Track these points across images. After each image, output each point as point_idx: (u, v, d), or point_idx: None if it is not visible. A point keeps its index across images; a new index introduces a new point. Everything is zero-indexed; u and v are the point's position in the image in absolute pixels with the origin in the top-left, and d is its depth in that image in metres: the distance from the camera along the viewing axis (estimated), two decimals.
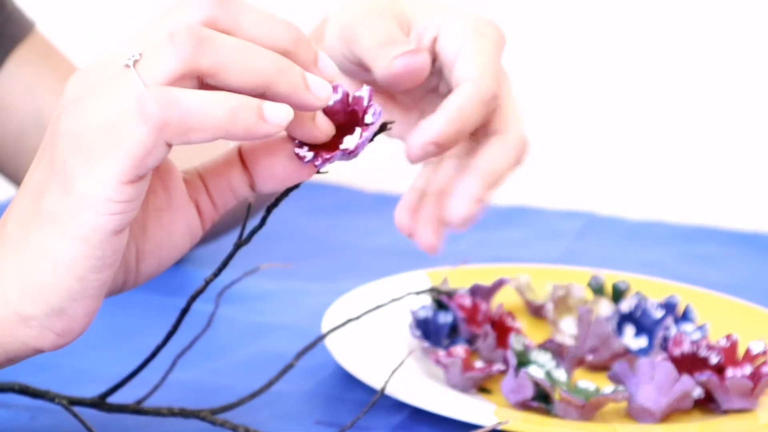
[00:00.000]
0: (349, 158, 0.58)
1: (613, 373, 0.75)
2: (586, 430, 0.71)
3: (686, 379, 0.73)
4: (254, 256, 0.87)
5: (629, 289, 0.89)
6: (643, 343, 0.83)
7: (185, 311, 0.65)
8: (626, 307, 0.84)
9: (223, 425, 0.68)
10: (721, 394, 0.75)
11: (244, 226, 0.63)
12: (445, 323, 0.82)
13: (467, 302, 0.83)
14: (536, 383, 0.73)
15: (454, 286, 0.85)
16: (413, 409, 0.74)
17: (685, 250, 1.13)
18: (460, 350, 0.77)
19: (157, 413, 0.68)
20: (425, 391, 0.74)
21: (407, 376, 0.76)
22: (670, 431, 0.73)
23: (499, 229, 1.13)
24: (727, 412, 0.75)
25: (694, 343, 0.76)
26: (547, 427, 0.71)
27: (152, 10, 0.61)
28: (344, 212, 1.22)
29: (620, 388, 0.74)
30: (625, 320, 0.84)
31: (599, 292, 0.90)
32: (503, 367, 0.76)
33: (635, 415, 0.74)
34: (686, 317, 0.85)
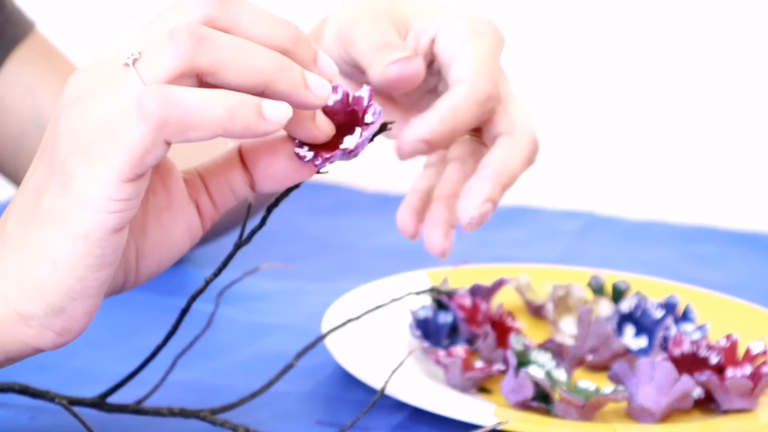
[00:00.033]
0: (349, 158, 0.58)
1: (613, 373, 0.75)
2: (586, 430, 0.71)
3: (686, 379, 0.73)
4: (254, 256, 0.87)
5: (629, 289, 0.89)
6: (643, 343, 0.83)
7: (185, 311, 0.65)
8: (626, 307, 0.84)
9: (223, 425, 0.68)
10: (721, 394, 0.75)
11: (244, 226, 0.63)
12: (445, 323, 0.82)
13: (467, 302, 0.83)
14: (536, 383, 0.73)
15: (454, 286, 0.85)
16: (413, 409, 0.74)
17: (685, 250, 1.13)
18: (460, 350, 0.77)
19: (157, 413, 0.68)
20: (425, 391, 0.74)
21: (407, 376, 0.76)
22: (670, 431, 0.73)
23: (499, 229, 1.13)
24: (727, 412, 0.75)
25: (694, 343, 0.76)
26: (547, 427, 0.71)
27: (152, 10, 0.61)
28: (344, 212, 1.22)
29: (620, 388, 0.74)
30: (625, 320, 0.84)
31: (599, 292, 0.90)
32: (503, 367, 0.76)
33: (635, 415, 0.74)
34: (686, 317, 0.85)
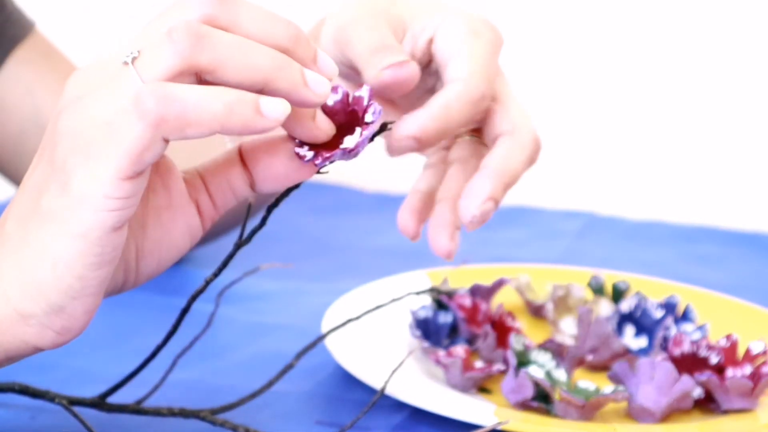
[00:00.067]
0: (349, 157, 0.58)
1: (613, 373, 0.75)
2: (586, 430, 0.71)
3: (686, 379, 0.73)
4: (254, 256, 0.87)
5: (629, 289, 0.89)
6: (643, 343, 0.83)
7: (185, 311, 0.65)
8: (626, 307, 0.84)
9: (223, 425, 0.68)
10: (721, 394, 0.75)
11: (244, 226, 0.63)
12: (445, 323, 0.82)
13: (467, 302, 0.83)
14: (536, 383, 0.73)
15: (454, 286, 0.85)
16: (413, 409, 0.73)
17: (685, 250, 1.13)
18: (460, 350, 0.77)
19: (157, 413, 0.68)
20: (425, 391, 0.74)
21: (407, 376, 0.76)
22: (670, 431, 0.73)
23: (499, 229, 1.13)
24: (727, 412, 0.75)
25: (694, 343, 0.76)
26: (547, 427, 0.71)
27: (152, 10, 0.61)
28: (344, 212, 1.22)
29: (620, 388, 0.74)
30: (625, 320, 0.84)
31: (599, 292, 0.90)
32: (503, 367, 0.76)
33: (635, 415, 0.74)
34: (686, 317, 0.84)
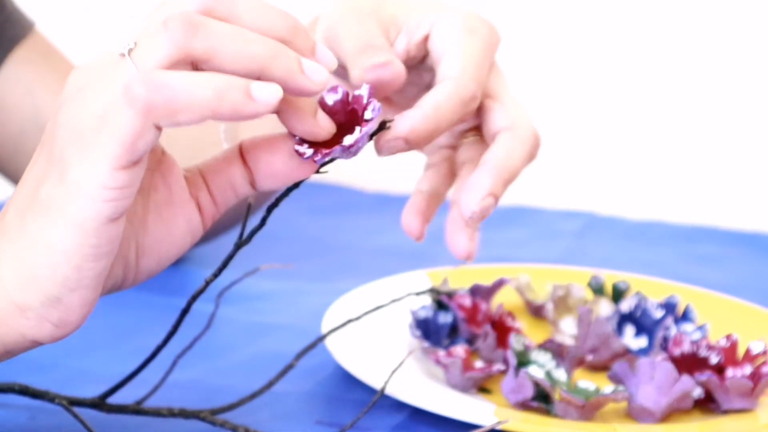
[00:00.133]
0: (349, 155, 0.58)
1: (613, 373, 0.75)
2: (586, 430, 0.71)
3: (686, 379, 0.73)
4: (254, 256, 0.87)
5: (629, 289, 0.89)
6: (643, 343, 0.83)
7: (185, 312, 0.65)
8: (626, 307, 0.84)
9: (223, 425, 0.68)
10: (721, 394, 0.75)
11: (244, 226, 0.63)
12: (445, 323, 0.82)
13: (467, 302, 0.83)
14: (536, 383, 0.73)
15: (454, 286, 0.85)
16: (413, 409, 0.73)
17: (685, 250, 1.13)
18: (460, 350, 0.77)
19: (157, 413, 0.68)
20: (425, 391, 0.74)
21: (407, 376, 0.75)
22: (670, 431, 0.73)
23: (499, 229, 1.13)
24: (727, 412, 0.75)
25: (694, 343, 0.76)
26: (547, 427, 0.71)
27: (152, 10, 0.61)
28: (344, 212, 1.22)
29: (620, 388, 0.74)
30: (625, 320, 0.84)
31: (599, 292, 0.90)
32: (503, 367, 0.76)
33: (635, 415, 0.74)
34: (686, 317, 0.84)
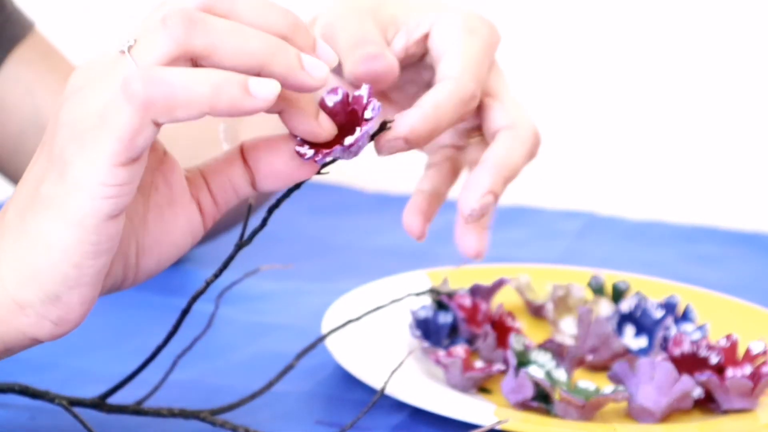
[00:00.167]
0: (349, 155, 0.58)
1: (613, 373, 0.75)
2: (586, 430, 0.71)
3: (686, 379, 0.73)
4: (254, 256, 0.87)
5: (629, 289, 0.89)
6: (643, 343, 0.83)
7: (186, 312, 0.65)
8: (626, 307, 0.84)
9: (223, 426, 0.68)
10: (721, 394, 0.75)
11: (244, 226, 0.63)
12: (445, 323, 0.82)
13: (467, 302, 0.83)
14: (536, 383, 0.73)
15: (454, 286, 0.85)
16: (413, 409, 0.73)
17: (685, 250, 1.13)
18: (460, 350, 0.77)
19: (157, 414, 0.68)
20: (425, 391, 0.74)
21: (407, 376, 0.75)
22: (670, 431, 0.73)
23: (499, 229, 1.13)
24: (727, 412, 0.75)
25: (694, 343, 0.76)
26: (547, 427, 0.71)
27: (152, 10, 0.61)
28: (344, 212, 1.22)
29: (620, 388, 0.74)
30: (625, 320, 0.84)
31: (599, 292, 0.90)
32: (503, 367, 0.76)
33: (635, 415, 0.74)
34: (686, 317, 0.84)
